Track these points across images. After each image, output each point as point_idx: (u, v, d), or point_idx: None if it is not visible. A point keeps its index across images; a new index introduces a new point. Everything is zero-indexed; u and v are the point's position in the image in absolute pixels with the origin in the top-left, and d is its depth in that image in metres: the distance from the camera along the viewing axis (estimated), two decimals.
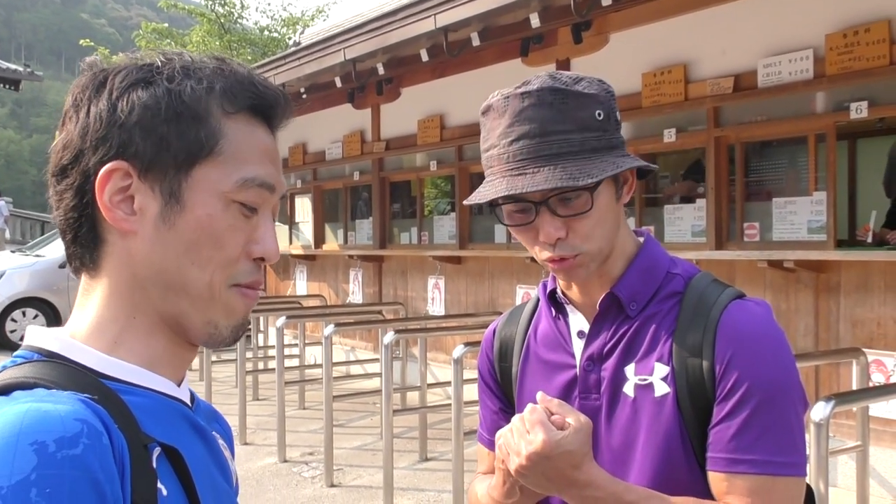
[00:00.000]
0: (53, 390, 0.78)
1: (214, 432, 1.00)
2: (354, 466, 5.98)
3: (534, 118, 1.23)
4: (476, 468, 1.58)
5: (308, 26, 19.03)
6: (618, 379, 1.31)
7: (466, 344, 4.64)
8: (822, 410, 3.01)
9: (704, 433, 1.25)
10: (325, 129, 9.62)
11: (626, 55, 6.08)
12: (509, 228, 1.34)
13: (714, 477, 1.24)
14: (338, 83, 8.13)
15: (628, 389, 1.30)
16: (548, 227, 1.26)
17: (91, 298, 0.90)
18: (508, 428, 1.23)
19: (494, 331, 1.53)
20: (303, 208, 10.42)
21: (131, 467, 0.77)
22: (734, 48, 5.42)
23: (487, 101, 1.30)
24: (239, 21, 18.73)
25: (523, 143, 1.23)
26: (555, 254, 1.28)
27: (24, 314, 11.85)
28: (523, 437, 1.19)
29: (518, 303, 1.55)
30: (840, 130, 5.19)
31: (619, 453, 1.30)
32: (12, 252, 14.21)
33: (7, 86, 17.66)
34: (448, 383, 5.42)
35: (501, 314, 1.58)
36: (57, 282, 12.01)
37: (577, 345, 1.37)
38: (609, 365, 1.32)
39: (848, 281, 4.90)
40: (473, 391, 2.06)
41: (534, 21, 5.82)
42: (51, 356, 0.85)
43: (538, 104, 1.23)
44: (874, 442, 4.32)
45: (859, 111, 4.79)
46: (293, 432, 6.73)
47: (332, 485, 5.57)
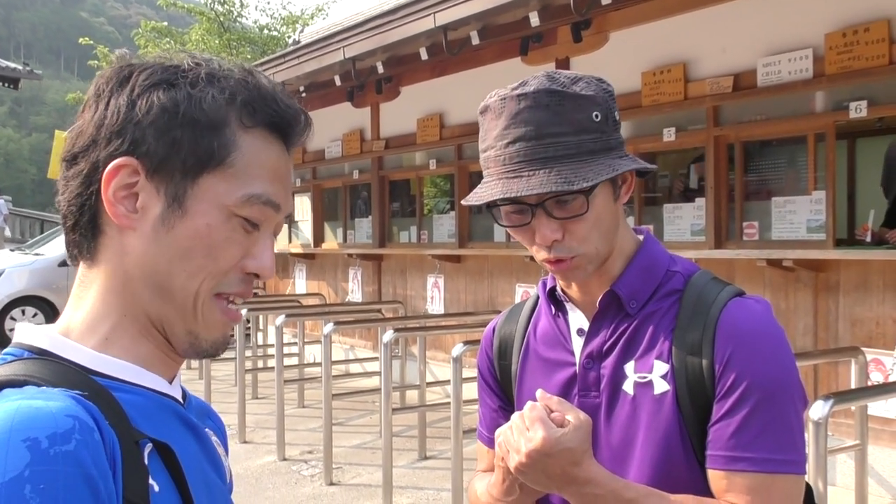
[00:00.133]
0: (44, 387, 0.78)
1: (207, 429, 1.00)
2: (354, 465, 5.98)
3: (530, 120, 1.23)
4: (475, 466, 1.58)
5: (307, 25, 19.01)
6: (617, 377, 1.31)
7: (466, 342, 4.64)
8: (821, 409, 3.01)
9: (704, 431, 1.25)
10: (325, 128, 9.62)
11: (626, 54, 6.08)
12: (507, 228, 1.34)
13: (713, 475, 1.24)
14: (337, 82, 8.12)
15: (628, 387, 1.30)
16: (544, 230, 1.26)
17: (87, 291, 0.90)
18: (508, 426, 1.23)
19: (494, 329, 1.53)
20: (302, 207, 10.42)
21: (123, 463, 0.77)
22: (734, 47, 5.42)
23: (485, 102, 1.30)
24: (238, 19, 18.71)
25: (519, 146, 1.23)
26: (552, 255, 1.28)
27: (24, 312, 11.85)
28: (523, 435, 1.19)
29: (517, 301, 1.54)
30: (839, 130, 5.20)
31: (619, 451, 1.30)
32: (11, 250, 14.21)
33: (6, 84, 17.65)
34: (447, 382, 5.42)
35: (501, 312, 1.58)
36: (56, 280, 12.02)
37: (577, 342, 1.37)
38: (609, 363, 1.32)
39: (847, 280, 4.91)
40: (473, 390, 2.06)
41: (533, 20, 5.82)
42: (41, 353, 0.85)
43: (534, 106, 1.23)
44: (873, 441, 4.32)
45: (858, 110, 4.79)
46: (292, 431, 6.73)
47: (332, 483, 5.57)
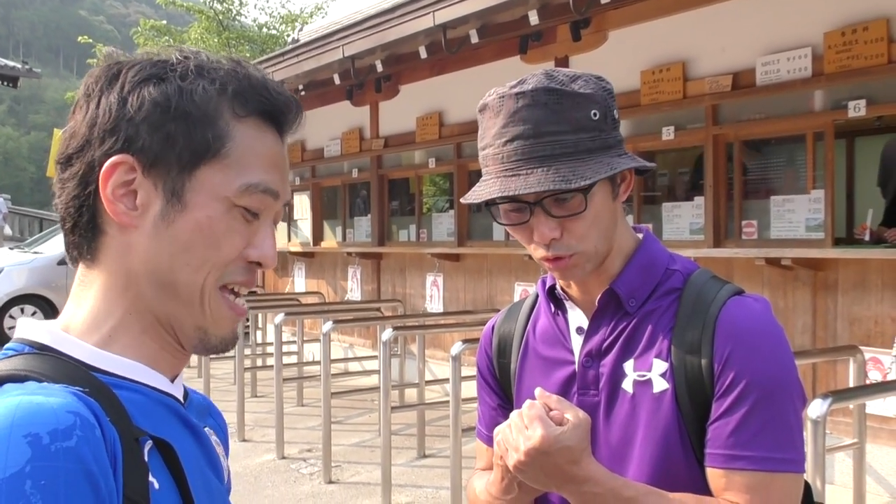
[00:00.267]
0: (45, 383, 0.78)
1: (208, 427, 1.00)
2: (352, 463, 5.99)
3: (528, 119, 1.23)
4: (474, 464, 1.58)
5: (307, 23, 19.00)
6: (616, 375, 1.31)
7: (465, 341, 4.64)
8: (819, 408, 3.02)
9: (703, 429, 1.25)
10: (324, 127, 9.61)
11: (625, 53, 6.08)
12: (505, 227, 1.34)
13: (712, 473, 1.24)
14: (336, 80, 8.12)
15: (627, 386, 1.30)
16: (542, 228, 1.26)
17: (88, 290, 0.90)
18: (507, 424, 1.24)
19: (493, 327, 1.53)
20: (301, 205, 10.41)
21: (123, 460, 0.77)
22: (733, 46, 5.42)
23: (483, 100, 1.30)
24: (237, 18, 18.70)
25: (517, 144, 1.23)
26: (550, 253, 1.28)
27: (23, 311, 11.84)
28: (522, 433, 1.19)
29: (516, 300, 1.54)
30: (838, 129, 5.20)
31: (618, 449, 1.30)
32: (11, 249, 14.20)
33: (5, 83, 17.62)
34: (446, 380, 5.42)
35: (500, 311, 1.58)
36: (55, 278, 12.01)
37: (576, 341, 1.37)
38: (608, 361, 1.32)
39: (845, 279, 4.91)
40: (471, 388, 2.06)
41: (532, 18, 5.82)
42: (42, 349, 0.85)
43: (532, 104, 1.23)
44: (871, 439, 4.32)
45: (857, 109, 4.79)
46: (291, 429, 6.73)
47: (331, 481, 5.57)
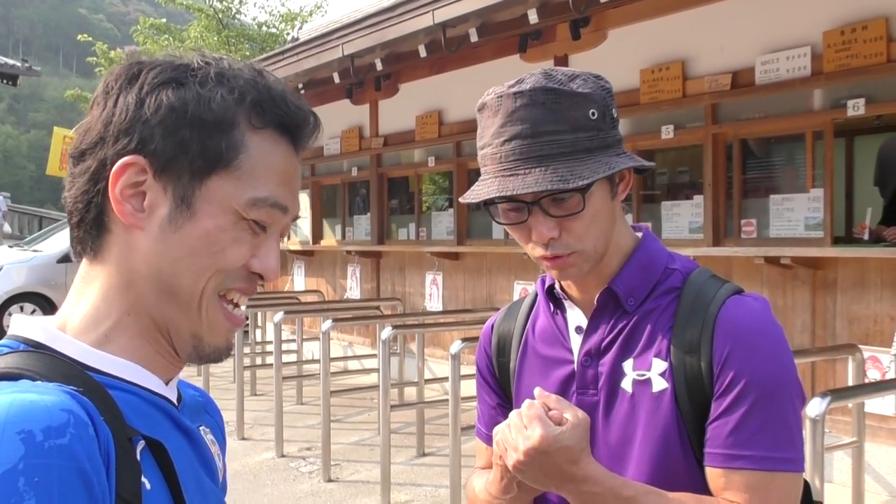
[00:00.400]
0: (39, 381, 0.78)
1: (204, 426, 1.00)
2: (352, 462, 5.99)
3: (526, 118, 1.23)
4: (474, 463, 1.58)
5: (306, 22, 18.98)
6: (615, 374, 1.31)
7: (464, 339, 4.64)
8: (818, 406, 3.02)
9: (702, 429, 1.25)
10: (323, 125, 9.56)
11: (625, 51, 6.08)
12: (504, 226, 1.34)
13: (712, 473, 1.24)
14: (336, 79, 8.12)
15: (626, 385, 1.30)
16: (540, 227, 1.26)
17: (89, 287, 0.90)
18: (506, 424, 1.24)
19: (492, 326, 1.53)
20: (301, 204, 10.40)
21: (116, 459, 0.77)
22: (732, 45, 5.42)
23: (482, 100, 1.30)
24: (237, 16, 18.66)
25: (515, 144, 1.23)
26: (548, 252, 1.28)
27: (22, 309, 11.83)
28: (521, 433, 1.19)
29: (515, 298, 1.55)
30: (837, 128, 5.20)
31: (617, 449, 1.30)
32: (10, 247, 14.19)
33: (5, 81, 17.60)
34: (445, 379, 5.43)
35: (499, 310, 1.58)
36: (55, 277, 12.01)
37: (575, 340, 1.37)
38: (607, 360, 1.32)
39: (844, 278, 4.91)
40: (471, 387, 2.07)
41: (532, 17, 5.82)
42: (37, 346, 0.85)
43: (531, 104, 1.23)
44: (870, 438, 4.32)
45: (857, 108, 4.79)
46: (291, 427, 6.73)
47: (330, 480, 5.58)
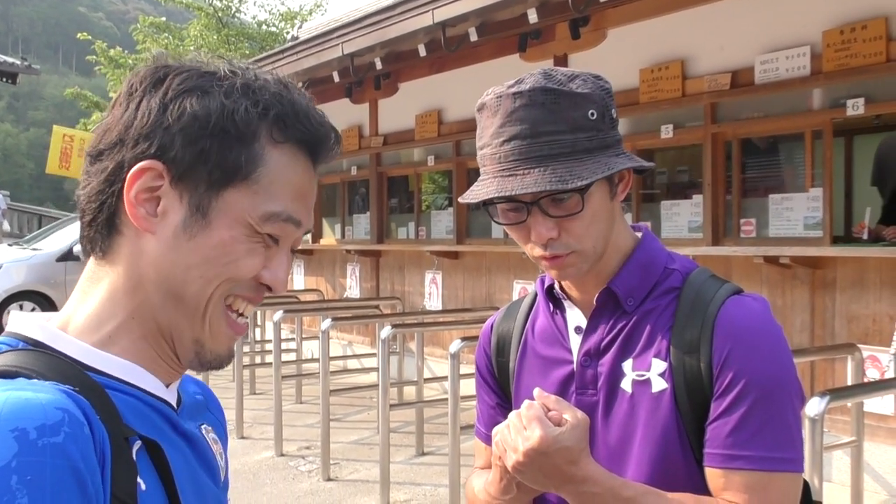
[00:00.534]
0: (35, 380, 0.78)
1: (205, 424, 1.00)
2: (351, 461, 5.99)
3: (525, 119, 1.23)
4: (473, 463, 1.58)
5: (306, 21, 18.96)
6: (615, 374, 1.31)
7: (463, 339, 4.65)
8: (817, 406, 3.03)
9: (702, 429, 1.25)
10: None
11: (624, 51, 6.08)
12: (503, 226, 1.34)
13: (711, 473, 1.24)
14: (335, 78, 8.11)
15: (625, 385, 1.30)
16: (539, 228, 1.26)
17: (96, 287, 0.90)
18: (505, 424, 1.23)
19: (492, 326, 1.53)
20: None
21: (112, 459, 0.76)
22: (732, 44, 5.42)
23: (481, 100, 1.30)
24: (237, 15, 18.64)
25: (514, 144, 1.23)
26: (547, 252, 1.28)
27: (21, 307, 11.83)
28: (520, 434, 1.19)
29: (515, 298, 1.55)
30: (837, 127, 5.20)
31: (616, 449, 1.30)
32: (9, 245, 14.19)
33: (4, 79, 17.60)
34: (445, 378, 5.43)
35: (499, 309, 1.58)
36: (54, 275, 12.01)
37: (575, 340, 1.37)
38: (606, 360, 1.32)
39: (844, 277, 4.91)
40: (470, 386, 2.07)
41: (531, 17, 5.82)
42: (36, 345, 0.85)
43: (530, 104, 1.23)
44: (869, 437, 4.33)
45: (856, 108, 4.79)
46: (290, 426, 6.73)
47: (329, 479, 5.58)
